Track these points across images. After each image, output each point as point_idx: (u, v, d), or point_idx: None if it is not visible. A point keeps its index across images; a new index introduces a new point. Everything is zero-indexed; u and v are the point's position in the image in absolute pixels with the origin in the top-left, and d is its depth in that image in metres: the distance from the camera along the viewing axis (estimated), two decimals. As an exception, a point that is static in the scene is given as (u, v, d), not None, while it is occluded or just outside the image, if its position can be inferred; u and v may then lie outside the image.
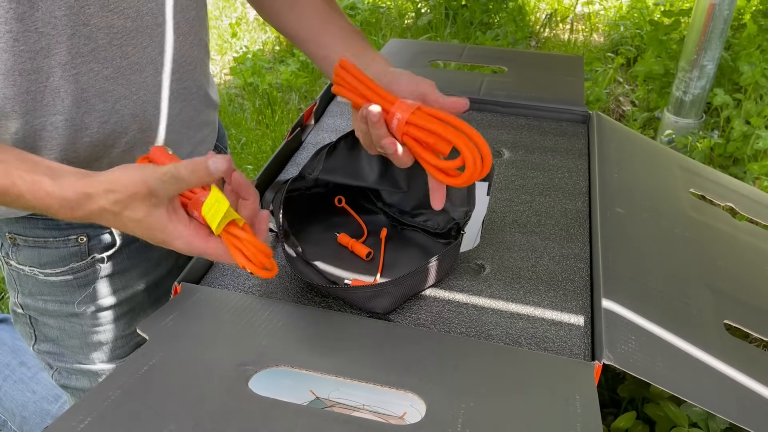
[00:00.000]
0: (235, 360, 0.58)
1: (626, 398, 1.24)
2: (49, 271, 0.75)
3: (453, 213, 0.76)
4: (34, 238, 0.73)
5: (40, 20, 0.58)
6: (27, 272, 0.76)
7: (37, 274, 0.76)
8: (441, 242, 0.78)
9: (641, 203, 0.87)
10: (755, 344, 1.01)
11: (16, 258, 0.76)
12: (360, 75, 0.64)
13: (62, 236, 0.74)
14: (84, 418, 0.51)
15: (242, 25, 3.36)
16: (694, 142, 2.11)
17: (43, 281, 0.76)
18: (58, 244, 0.74)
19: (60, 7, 0.59)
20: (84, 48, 0.62)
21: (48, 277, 0.76)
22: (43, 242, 0.74)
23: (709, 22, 2.02)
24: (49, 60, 0.61)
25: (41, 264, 0.75)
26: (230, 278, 0.73)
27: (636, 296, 0.69)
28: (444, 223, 0.78)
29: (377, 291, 0.67)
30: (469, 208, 0.74)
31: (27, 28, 0.58)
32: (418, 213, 0.81)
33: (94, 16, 0.62)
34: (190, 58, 0.75)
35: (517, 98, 1.10)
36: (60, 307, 0.78)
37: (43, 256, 0.75)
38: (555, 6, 3.32)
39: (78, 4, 0.60)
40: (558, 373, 0.60)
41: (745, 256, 0.87)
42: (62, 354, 0.83)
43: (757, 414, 0.59)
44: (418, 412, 0.60)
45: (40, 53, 0.60)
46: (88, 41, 0.62)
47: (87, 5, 0.61)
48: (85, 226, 0.74)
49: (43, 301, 0.78)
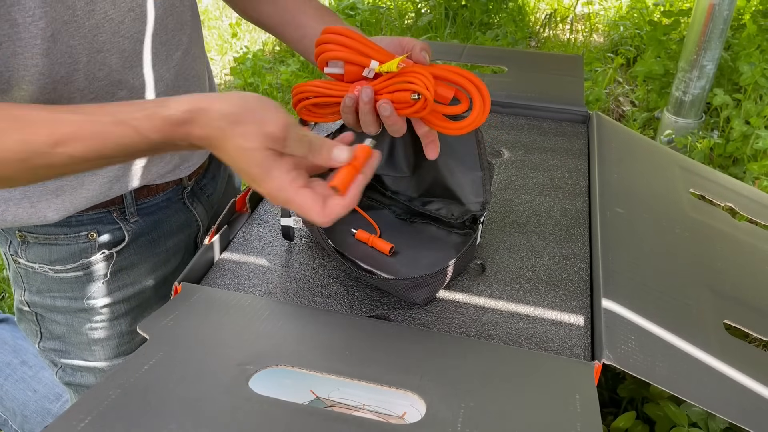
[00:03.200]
0: (235, 360, 0.58)
1: (626, 398, 1.24)
2: (59, 267, 0.76)
3: (469, 205, 0.75)
4: (45, 236, 0.74)
5: (59, 51, 0.61)
6: (36, 269, 0.77)
7: (47, 271, 0.77)
8: (457, 233, 0.77)
9: (641, 203, 0.87)
10: (755, 344, 1.01)
11: (25, 256, 0.76)
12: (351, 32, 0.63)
13: (73, 233, 0.75)
14: (84, 417, 0.51)
15: (242, 25, 3.36)
16: (693, 142, 2.11)
17: (52, 278, 0.77)
18: (68, 240, 0.75)
19: (74, 37, 0.61)
20: (99, 73, 0.65)
21: (58, 274, 0.77)
22: (54, 239, 0.75)
23: (709, 22, 2.02)
24: (68, 87, 0.63)
25: (51, 261, 0.76)
26: (230, 278, 0.73)
27: (636, 296, 0.69)
28: (459, 213, 0.76)
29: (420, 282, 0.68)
30: (485, 199, 0.74)
31: (51, 62, 0.61)
32: (429, 201, 0.79)
33: (107, 43, 0.64)
34: (194, 71, 0.78)
35: (517, 98, 1.10)
36: (69, 303, 0.79)
37: (53, 252, 0.76)
38: (555, 6, 3.32)
39: (91, 33, 0.63)
40: (558, 372, 0.60)
41: (745, 256, 0.87)
42: (68, 351, 0.84)
43: (757, 414, 0.59)
44: (418, 412, 0.60)
45: (60, 82, 0.62)
46: (102, 66, 0.65)
47: (99, 33, 0.63)
48: (95, 222, 0.75)
49: (51, 297, 0.79)
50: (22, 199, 0.70)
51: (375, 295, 0.71)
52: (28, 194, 0.70)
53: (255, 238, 0.80)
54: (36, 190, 0.69)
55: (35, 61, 0.60)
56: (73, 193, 0.71)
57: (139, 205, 0.78)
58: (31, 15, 0.58)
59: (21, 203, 0.70)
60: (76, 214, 0.73)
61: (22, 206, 0.70)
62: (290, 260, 0.76)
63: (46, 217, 0.71)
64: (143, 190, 0.78)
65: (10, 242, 0.77)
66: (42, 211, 0.70)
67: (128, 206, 0.77)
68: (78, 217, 0.74)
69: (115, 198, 0.75)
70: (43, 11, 0.58)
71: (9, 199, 0.69)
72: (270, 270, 0.75)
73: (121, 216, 0.77)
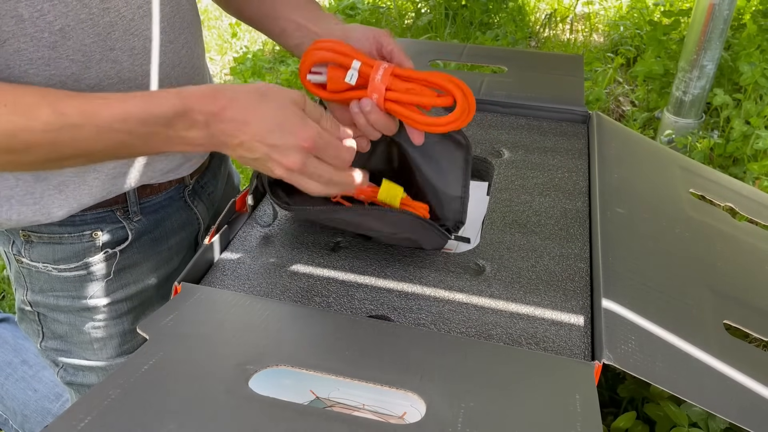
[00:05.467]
0: (235, 360, 0.58)
1: (626, 398, 1.24)
2: (63, 266, 0.77)
3: (444, 221, 0.77)
4: (48, 235, 0.75)
5: (71, 48, 0.62)
6: (40, 269, 0.77)
7: (50, 270, 0.77)
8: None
9: (641, 203, 0.87)
10: (755, 344, 1.01)
11: (29, 255, 0.77)
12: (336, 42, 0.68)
13: (77, 232, 0.75)
14: (84, 417, 0.51)
15: (242, 25, 3.36)
16: (693, 142, 2.11)
17: (56, 277, 0.77)
18: (72, 239, 0.75)
19: (89, 35, 0.62)
20: (111, 71, 0.66)
21: (62, 273, 0.77)
22: (58, 238, 0.75)
23: (709, 22, 2.02)
24: (78, 84, 0.64)
25: (55, 260, 0.76)
26: (230, 278, 0.73)
27: (636, 296, 0.69)
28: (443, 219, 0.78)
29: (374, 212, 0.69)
30: (461, 219, 0.77)
31: (59, 55, 0.61)
32: None
33: (119, 41, 0.65)
34: (198, 69, 0.79)
35: (517, 98, 1.10)
36: (72, 302, 0.79)
37: (57, 252, 0.76)
38: (555, 6, 3.32)
39: (105, 31, 0.64)
40: (558, 372, 0.60)
41: (745, 256, 0.87)
42: (70, 350, 0.84)
43: (756, 414, 0.59)
44: (418, 412, 0.60)
45: (71, 78, 0.63)
46: (114, 64, 0.66)
47: (113, 31, 0.64)
48: (99, 221, 0.75)
49: (54, 297, 0.79)
50: (25, 195, 0.69)
51: (375, 295, 0.71)
52: (31, 191, 0.70)
53: (255, 238, 0.80)
54: (39, 186, 0.70)
55: (41, 53, 0.60)
56: (76, 189, 0.71)
57: (142, 203, 0.78)
58: (39, 9, 0.58)
59: (24, 200, 0.70)
60: (80, 213, 0.74)
61: (26, 203, 0.70)
62: (290, 260, 0.76)
63: (51, 213, 0.71)
64: (146, 188, 0.78)
65: (12, 242, 0.77)
66: (46, 208, 0.70)
67: (131, 205, 0.77)
68: (82, 216, 0.74)
69: (118, 197, 0.75)
70: (51, 5, 0.58)
71: (11, 197, 0.69)
72: (270, 270, 0.75)
73: (124, 215, 0.77)
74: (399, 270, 0.75)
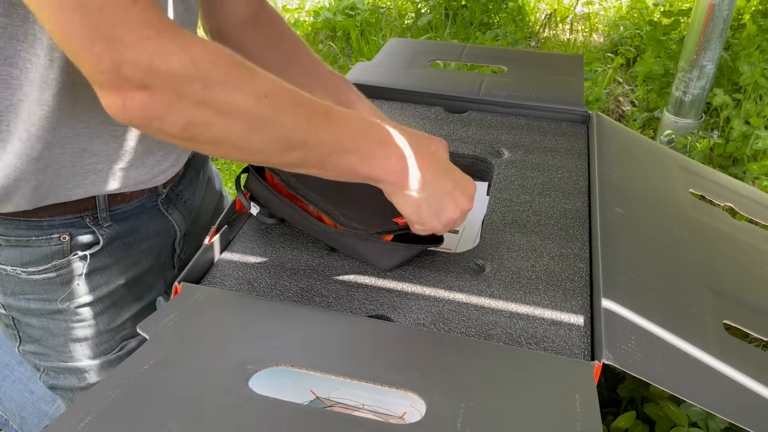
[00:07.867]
0: (235, 360, 0.58)
1: (626, 398, 1.24)
2: (32, 269, 0.76)
3: None
4: (16, 238, 0.74)
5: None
6: (9, 272, 0.76)
7: (19, 273, 0.76)
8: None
9: (641, 203, 0.87)
10: (755, 344, 1.01)
11: None
12: None
13: (45, 235, 0.74)
14: (84, 417, 0.51)
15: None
16: (693, 142, 2.11)
17: (25, 280, 0.77)
18: (40, 243, 0.74)
19: None
20: None
21: (31, 276, 0.76)
22: (25, 241, 0.74)
23: (709, 23, 2.02)
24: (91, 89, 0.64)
25: (24, 263, 0.75)
26: (230, 278, 0.73)
27: (636, 296, 0.69)
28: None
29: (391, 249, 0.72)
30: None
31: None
32: None
33: None
34: None
35: (517, 98, 1.10)
36: (43, 305, 0.79)
37: (25, 255, 0.75)
38: (555, 6, 3.32)
39: None
40: (558, 372, 0.60)
41: (745, 256, 0.87)
42: (47, 354, 0.83)
43: (756, 414, 0.59)
44: (418, 412, 0.60)
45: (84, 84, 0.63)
46: None
47: None
48: (67, 226, 0.75)
49: (25, 300, 0.78)
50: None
51: (375, 295, 0.71)
52: None
53: (255, 239, 0.80)
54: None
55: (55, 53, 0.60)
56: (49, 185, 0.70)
57: (112, 210, 0.77)
58: None
59: None
60: (47, 218, 0.73)
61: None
62: (290, 260, 0.76)
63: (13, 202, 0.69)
64: (116, 196, 0.77)
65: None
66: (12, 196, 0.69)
67: (101, 212, 0.75)
68: (50, 220, 0.73)
69: (87, 203, 0.74)
70: None
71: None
72: (270, 270, 0.75)
73: (93, 221, 0.76)
74: (399, 270, 0.75)
